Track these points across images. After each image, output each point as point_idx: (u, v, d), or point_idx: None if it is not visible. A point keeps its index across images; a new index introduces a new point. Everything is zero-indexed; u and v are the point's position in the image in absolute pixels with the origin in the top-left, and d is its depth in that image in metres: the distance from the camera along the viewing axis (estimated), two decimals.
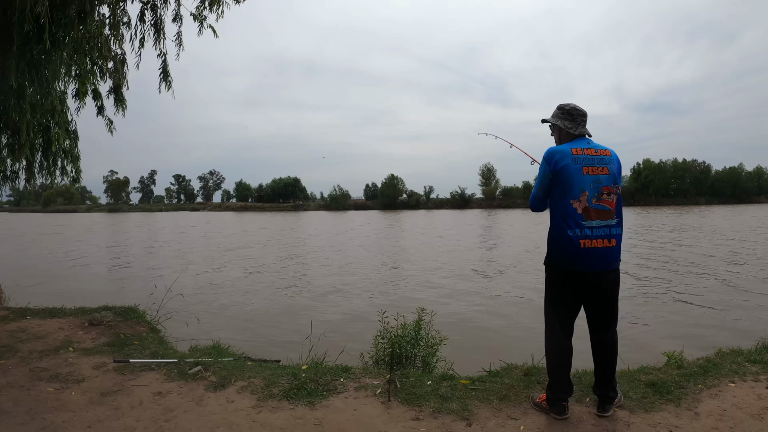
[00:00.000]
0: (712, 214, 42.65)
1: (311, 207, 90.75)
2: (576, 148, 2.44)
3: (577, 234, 2.36)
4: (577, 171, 2.39)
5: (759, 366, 3.17)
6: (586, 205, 2.38)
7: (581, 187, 2.38)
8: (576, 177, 2.39)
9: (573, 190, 2.38)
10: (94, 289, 10.70)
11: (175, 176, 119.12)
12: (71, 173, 5.90)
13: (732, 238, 20.36)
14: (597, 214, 2.38)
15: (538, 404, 2.65)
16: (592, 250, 2.36)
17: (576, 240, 2.36)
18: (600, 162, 2.44)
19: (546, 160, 2.47)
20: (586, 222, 2.37)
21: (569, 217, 2.38)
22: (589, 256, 2.37)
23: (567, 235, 2.37)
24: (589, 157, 2.43)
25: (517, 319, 7.82)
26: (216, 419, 2.66)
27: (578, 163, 2.40)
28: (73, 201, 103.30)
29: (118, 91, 5.09)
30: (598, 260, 2.38)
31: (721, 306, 8.45)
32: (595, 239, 2.37)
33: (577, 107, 2.57)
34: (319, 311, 8.61)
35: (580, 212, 2.38)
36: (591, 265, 2.38)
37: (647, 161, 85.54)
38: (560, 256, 2.43)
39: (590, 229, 2.37)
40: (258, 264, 15.50)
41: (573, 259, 2.38)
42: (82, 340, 4.07)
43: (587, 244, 2.36)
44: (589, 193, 2.38)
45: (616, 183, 2.45)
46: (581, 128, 2.55)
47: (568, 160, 2.40)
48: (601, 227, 2.39)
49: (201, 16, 4.59)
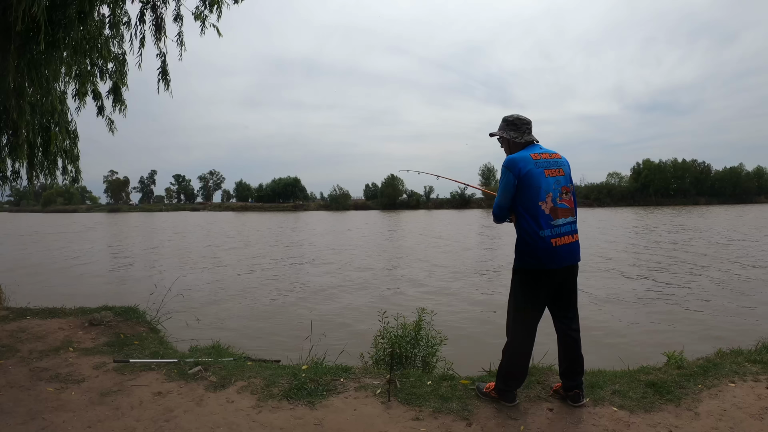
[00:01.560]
0: (713, 215, 42.65)
1: (311, 207, 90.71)
2: (534, 154, 2.58)
3: (548, 234, 2.49)
4: (540, 174, 2.52)
5: (759, 366, 3.17)
6: (552, 206, 2.52)
7: (546, 189, 2.52)
8: (541, 180, 2.52)
9: (540, 192, 2.51)
10: (94, 289, 10.70)
11: (175, 176, 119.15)
12: (71, 173, 5.90)
13: (732, 239, 20.36)
14: (561, 213, 2.54)
15: (485, 393, 2.76)
16: (562, 247, 2.51)
17: (548, 240, 2.48)
18: (556, 164, 2.61)
19: (509, 169, 2.55)
20: (554, 221, 2.51)
21: (540, 219, 2.49)
22: (561, 253, 2.51)
23: (540, 236, 2.48)
24: (547, 161, 2.58)
25: None
26: (216, 419, 2.66)
27: (540, 167, 2.54)
28: (73, 201, 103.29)
29: (117, 92, 5.10)
30: (568, 255, 2.54)
31: (722, 306, 8.44)
32: (564, 236, 2.53)
33: (521, 117, 2.71)
34: (319, 311, 8.61)
35: (548, 213, 2.51)
36: (562, 262, 2.52)
37: (647, 161, 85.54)
38: (534, 257, 2.50)
39: (558, 228, 2.52)
40: (258, 264, 15.50)
41: (547, 259, 2.48)
42: (82, 340, 4.07)
43: (558, 242, 2.50)
44: (553, 194, 2.53)
45: (571, 183, 2.65)
46: (527, 136, 2.68)
47: (531, 165, 2.52)
48: (566, 224, 2.55)
49: (202, 15, 4.59)
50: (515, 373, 2.67)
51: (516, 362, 2.66)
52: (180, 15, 4.54)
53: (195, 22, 4.58)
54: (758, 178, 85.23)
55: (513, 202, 2.57)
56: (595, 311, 8.28)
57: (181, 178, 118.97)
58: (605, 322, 7.58)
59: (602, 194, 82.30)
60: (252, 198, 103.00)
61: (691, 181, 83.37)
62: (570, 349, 2.66)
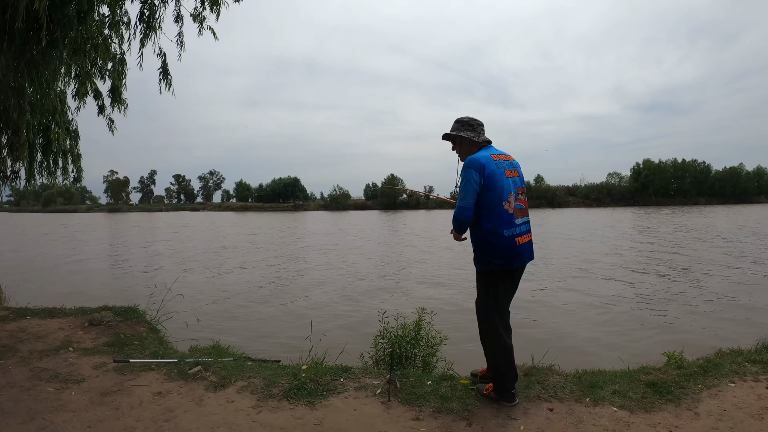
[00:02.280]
0: (713, 215, 42.65)
1: (311, 207, 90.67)
2: (494, 155, 2.62)
3: (512, 233, 2.55)
4: (501, 174, 2.57)
5: (759, 366, 3.17)
6: (513, 206, 2.58)
7: (508, 189, 2.57)
8: (503, 180, 2.57)
9: (503, 193, 2.55)
10: (94, 289, 10.70)
11: (175, 176, 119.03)
12: (72, 173, 5.91)
13: (732, 239, 20.36)
14: (520, 213, 2.62)
15: (486, 395, 2.76)
16: (523, 246, 2.59)
17: (512, 239, 2.54)
18: (512, 166, 2.67)
19: (475, 169, 2.53)
20: (516, 221, 2.58)
21: (504, 218, 2.54)
22: (522, 252, 2.59)
23: (504, 235, 2.52)
24: (505, 162, 2.64)
25: (517, 319, 7.82)
26: (216, 419, 2.66)
27: (501, 168, 2.58)
28: (73, 201, 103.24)
29: (116, 92, 5.09)
30: (528, 253, 2.64)
31: (722, 306, 8.44)
32: (524, 235, 2.61)
33: (475, 118, 2.75)
34: (319, 311, 8.61)
35: (511, 212, 2.56)
36: (523, 260, 2.62)
37: (647, 161, 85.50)
38: (501, 258, 2.54)
39: (519, 227, 2.59)
40: (258, 264, 15.50)
41: (511, 258, 2.55)
42: (82, 340, 4.07)
43: (520, 240, 2.57)
44: (513, 194, 2.59)
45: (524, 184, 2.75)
46: (482, 136, 2.73)
47: (493, 166, 2.55)
48: (524, 224, 2.63)
49: (200, 17, 4.59)
50: (508, 372, 2.68)
51: (505, 361, 2.67)
52: (180, 15, 4.54)
53: (194, 23, 4.58)
54: (758, 178, 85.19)
55: (476, 203, 2.56)
56: (595, 311, 8.28)
57: (181, 178, 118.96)
58: (605, 322, 7.59)
59: (602, 194, 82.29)
60: (252, 198, 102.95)
61: (691, 181, 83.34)
62: None
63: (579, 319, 7.77)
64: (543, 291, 10.20)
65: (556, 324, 7.50)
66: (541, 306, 8.75)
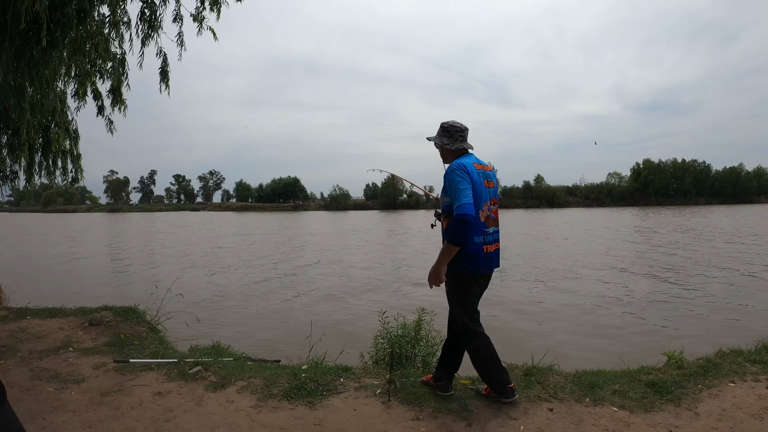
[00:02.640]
0: (713, 215, 42.64)
1: (311, 207, 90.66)
2: (476, 163, 2.66)
3: (482, 240, 2.61)
4: (480, 183, 2.61)
5: (759, 366, 3.17)
6: (488, 214, 2.65)
7: (485, 198, 2.63)
8: (482, 189, 2.62)
9: (480, 201, 2.59)
10: (94, 289, 10.70)
11: (175, 176, 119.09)
12: (71, 173, 5.90)
13: (732, 239, 20.36)
14: (491, 222, 2.68)
15: (485, 395, 2.80)
16: (491, 254, 2.67)
17: (481, 246, 2.60)
18: (489, 176, 2.72)
19: (466, 172, 2.56)
20: (487, 229, 2.64)
21: (478, 226, 2.58)
22: (489, 259, 2.66)
23: (475, 242, 2.57)
24: (484, 172, 2.68)
25: (517, 320, 7.83)
26: (216, 419, 2.66)
27: (480, 177, 2.63)
28: (73, 201, 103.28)
29: (116, 92, 5.09)
30: (494, 261, 2.71)
31: (722, 306, 8.45)
32: (492, 244, 2.68)
33: (455, 124, 2.75)
34: (319, 311, 8.61)
35: (483, 221, 2.62)
36: (490, 267, 2.69)
37: (647, 161, 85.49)
38: (470, 263, 2.58)
39: (490, 235, 2.65)
40: (258, 264, 15.50)
41: (480, 264, 2.61)
42: (82, 340, 4.07)
43: (488, 248, 2.64)
44: (488, 204, 2.66)
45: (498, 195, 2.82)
46: (458, 143, 2.73)
47: (475, 173, 2.60)
48: (493, 233, 2.69)
49: (200, 16, 4.58)
50: (498, 370, 2.70)
51: (492, 359, 2.69)
52: (180, 15, 4.53)
53: (194, 23, 4.58)
54: (758, 178, 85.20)
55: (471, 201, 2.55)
56: (594, 311, 8.28)
57: (181, 178, 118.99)
58: (605, 322, 7.59)
59: (602, 194, 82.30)
60: (252, 198, 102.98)
61: (691, 181, 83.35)
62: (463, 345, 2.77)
63: (579, 320, 7.77)
64: (543, 291, 10.21)
65: (556, 324, 7.50)
66: (541, 306, 8.75)
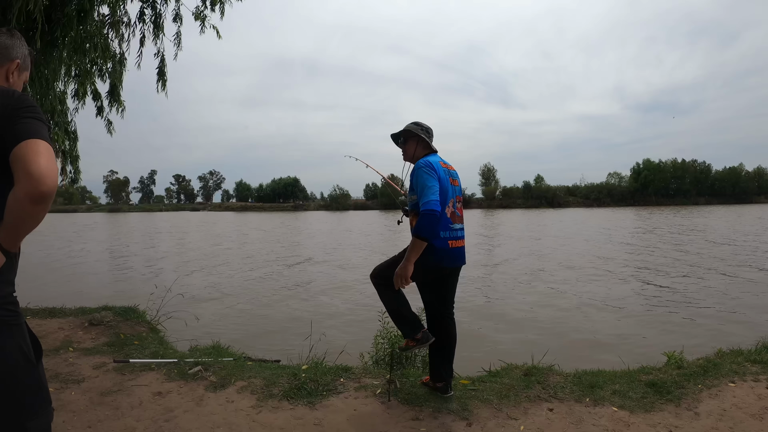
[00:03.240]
0: (713, 215, 42.65)
1: (311, 207, 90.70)
2: (442, 162, 2.80)
3: (448, 236, 2.71)
4: (447, 181, 2.73)
5: (759, 366, 3.17)
6: (453, 211, 2.76)
7: (450, 195, 2.75)
8: (448, 186, 2.73)
9: (446, 198, 2.70)
10: (94, 289, 10.70)
11: (175, 176, 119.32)
12: (70, 174, 5.90)
13: (732, 239, 20.36)
14: (457, 219, 2.79)
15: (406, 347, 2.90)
16: (456, 249, 2.76)
17: (446, 241, 2.69)
18: (454, 175, 2.85)
19: (432, 169, 2.66)
20: (453, 225, 2.74)
21: (444, 221, 2.68)
22: (455, 254, 2.75)
23: (441, 237, 2.67)
24: (449, 171, 2.81)
25: (517, 319, 7.83)
26: (216, 419, 2.66)
27: (447, 175, 2.76)
28: (73, 201, 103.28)
29: (114, 92, 5.09)
30: (460, 257, 2.81)
31: (722, 306, 8.45)
32: (458, 240, 2.78)
33: (425, 124, 2.92)
34: (319, 311, 8.61)
35: (449, 217, 2.72)
36: (455, 262, 2.78)
37: (647, 161, 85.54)
38: (433, 256, 2.66)
39: (455, 231, 2.76)
40: (258, 264, 15.50)
41: (443, 258, 2.70)
42: (82, 340, 4.07)
43: (453, 244, 2.73)
44: (453, 201, 2.77)
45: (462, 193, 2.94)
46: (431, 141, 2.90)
47: (442, 171, 2.72)
48: (459, 229, 2.80)
49: (202, 15, 4.59)
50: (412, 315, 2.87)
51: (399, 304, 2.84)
52: (179, 15, 4.54)
53: (195, 21, 4.58)
54: (758, 178, 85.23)
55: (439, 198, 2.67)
56: (594, 311, 8.28)
57: (181, 178, 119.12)
58: (605, 322, 7.59)
59: (602, 194, 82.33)
60: (252, 198, 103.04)
61: (691, 181, 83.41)
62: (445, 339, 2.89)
63: (579, 319, 7.77)
64: (542, 291, 10.21)
65: (555, 324, 7.50)
66: (540, 306, 8.75)
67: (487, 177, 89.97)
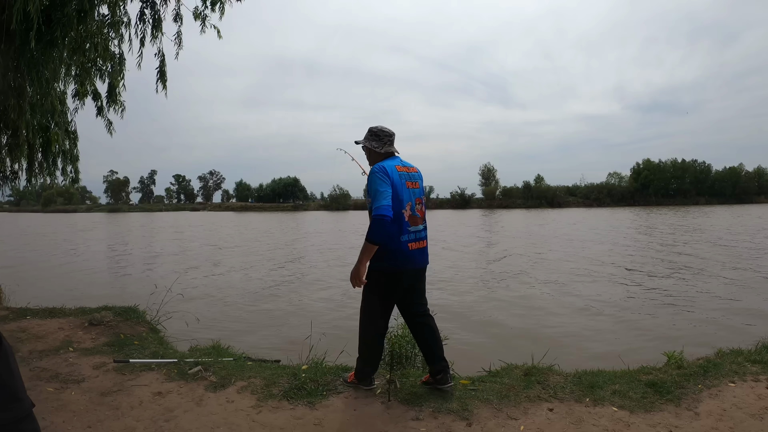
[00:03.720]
0: (713, 215, 42.65)
1: (311, 207, 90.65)
2: (398, 165, 2.83)
3: (406, 239, 2.75)
4: (402, 185, 2.78)
5: (759, 366, 3.17)
6: (410, 213, 2.80)
7: (407, 198, 2.79)
8: (404, 190, 2.77)
9: (403, 201, 2.75)
10: (94, 289, 10.70)
11: (175, 176, 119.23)
12: (70, 173, 5.91)
13: (732, 239, 20.36)
14: (416, 221, 2.83)
15: (350, 383, 3.00)
16: (416, 251, 2.80)
17: (405, 244, 2.74)
18: (413, 178, 2.89)
19: (385, 174, 2.71)
20: (411, 228, 2.79)
21: (402, 225, 2.74)
22: (414, 256, 2.79)
23: (400, 240, 2.72)
24: (407, 173, 2.85)
25: (517, 319, 7.83)
26: (216, 419, 2.66)
27: (402, 178, 2.80)
28: (73, 201, 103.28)
29: (113, 92, 5.09)
30: (420, 258, 2.84)
31: (722, 306, 8.45)
32: (417, 241, 2.82)
33: (384, 129, 2.93)
34: (319, 311, 8.61)
35: (407, 220, 2.77)
36: (415, 263, 2.81)
37: (647, 161, 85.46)
38: (392, 259, 2.72)
39: (414, 234, 2.80)
40: (258, 264, 15.50)
41: (402, 260, 2.74)
42: (82, 340, 4.07)
43: (413, 246, 2.78)
44: (411, 204, 2.81)
45: (424, 195, 2.97)
46: (387, 147, 2.90)
47: (396, 175, 2.76)
48: (418, 231, 2.84)
49: (202, 15, 4.59)
50: (371, 360, 2.92)
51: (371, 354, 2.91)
52: (180, 14, 4.54)
53: (195, 21, 4.58)
54: (758, 178, 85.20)
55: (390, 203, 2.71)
56: (594, 311, 8.28)
57: (181, 178, 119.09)
58: (605, 322, 7.59)
59: (602, 194, 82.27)
60: (252, 198, 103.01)
61: (691, 181, 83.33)
62: (428, 335, 2.91)
63: (579, 319, 7.77)
64: (542, 291, 10.21)
65: (555, 324, 7.50)
66: (540, 306, 8.75)
67: (487, 177, 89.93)
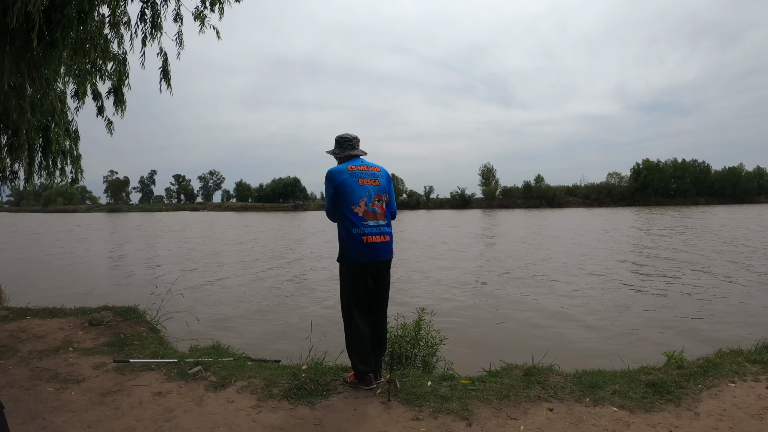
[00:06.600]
0: (713, 215, 42.65)
1: (311, 207, 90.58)
2: (351, 165, 3.06)
3: (360, 232, 2.93)
4: (354, 182, 2.99)
5: (759, 366, 3.17)
6: (365, 209, 2.97)
7: (360, 195, 2.98)
8: (355, 187, 2.99)
9: (353, 198, 2.96)
10: (94, 289, 10.70)
11: (175, 176, 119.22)
12: (71, 173, 5.90)
13: (732, 239, 20.36)
14: (373, 216, 2.99)
15: (350, 383, 3.06)
16: (372, 245, 2.95)
17: (360, 237, 2.93)
18: (372, 176, 3.07)
19: (329, 180, 3.04)
20: (365, 222, 2.96)
21: (354, 219, 2.94)
22: (371, 249, 2.94)
23: (352, 233, 2.93)
24: (363, 172, 3.05)
25: (517, 319, 7.83)
26: (216, 419, 2.66)
27: (354, 177, 3.01)
28: (73, 201, 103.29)
29: (117, 92, 5.09)
30: (377, 252, 2.97)
31: (722, 306, 8.44)
32: (374, 236, 2.97)
33: (345, 136, 3.20)
34: (319, 311, 8.61)
35: (360, 215, 2.96)
36: (372, 257, 2.95)
37: (647, 161, 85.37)
38: (349, 251, 2.94)
39: (369, 228, 2.96)
40: (258, 264, 15.50)
41: (359, 253, 2.93)
42: (82, 340, 4.07)
43: (368, 239, 2.94)
44: (366, 200, 2.98)
45: (386, 192, 3.10)
46: (348, 151, 3.16)
47: (345, 175, 3.00)
48: (377, 226, 2.99)
49: (201, 15, 4.58)
50: (361, 360, 3.00)
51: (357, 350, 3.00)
52: (180, 15, 4.53)
53: (195, 22, 4.57)
54: (758, 178, 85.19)
55: (335, 205, 3.03)
56: (594, 311, 8.28)
57: (181, 178, 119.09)
58: (605, 322, 7.59)
59: (602, 194, 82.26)
60: (252, 198, 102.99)
61: (691, 181, 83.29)
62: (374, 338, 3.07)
63: (579, 320, 7.77)
64: (543, 291, 10.21)
65: (556, 324, 7.50)
66: (540, 306, 8.75)
67: (487, 177, 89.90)
